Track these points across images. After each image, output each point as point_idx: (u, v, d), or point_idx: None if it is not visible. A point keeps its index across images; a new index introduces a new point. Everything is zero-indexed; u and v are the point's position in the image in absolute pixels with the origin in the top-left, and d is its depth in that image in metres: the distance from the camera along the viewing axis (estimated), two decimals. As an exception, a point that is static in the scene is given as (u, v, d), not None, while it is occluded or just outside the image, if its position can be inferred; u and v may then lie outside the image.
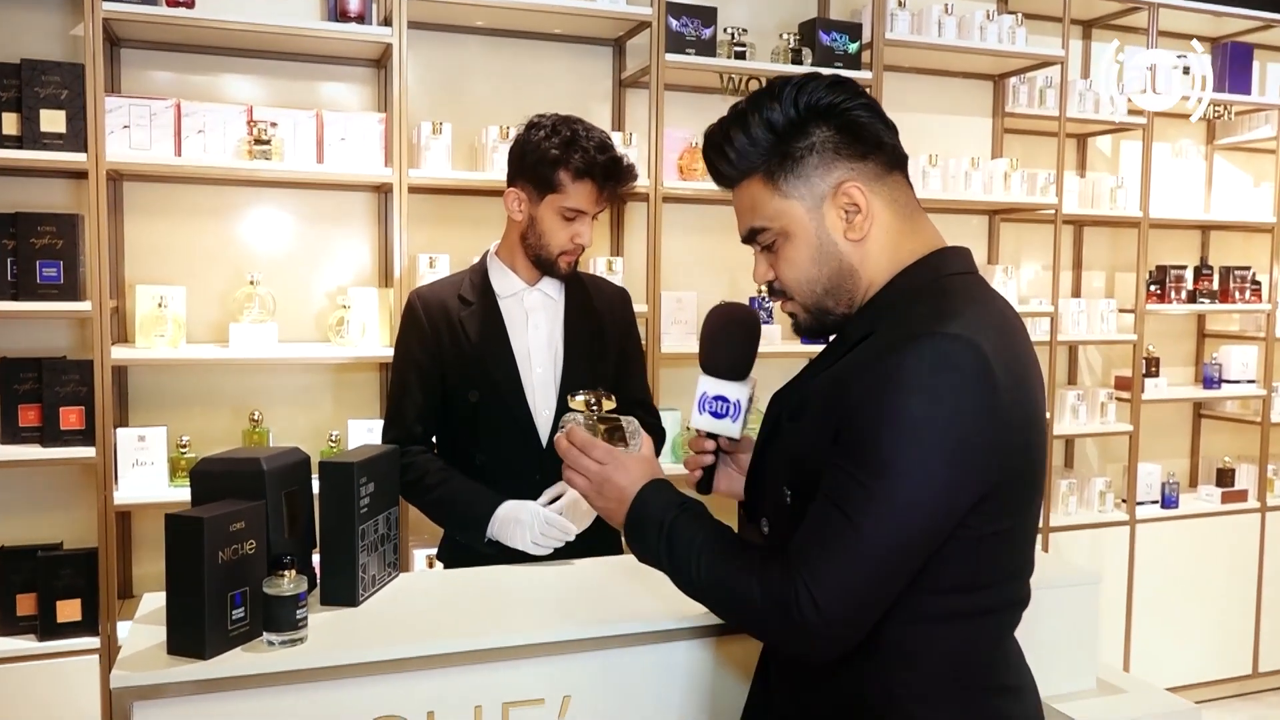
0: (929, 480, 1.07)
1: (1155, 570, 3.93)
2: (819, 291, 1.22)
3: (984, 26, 3.40)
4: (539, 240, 1.99)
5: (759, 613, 1.13)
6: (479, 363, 2.00)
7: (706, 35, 3.07)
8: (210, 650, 1.35)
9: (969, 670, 1.18)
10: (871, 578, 1.09)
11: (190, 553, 1.35)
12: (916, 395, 1.06)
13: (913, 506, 1.07)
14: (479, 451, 2.02)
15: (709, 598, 1.21)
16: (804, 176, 1.20)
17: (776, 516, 1.24)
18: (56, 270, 2.57)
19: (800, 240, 1.21)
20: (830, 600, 1.08)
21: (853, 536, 1.07)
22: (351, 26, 2.78)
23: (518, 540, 1.85)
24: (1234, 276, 4.10)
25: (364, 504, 1.57)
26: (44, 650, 2.57)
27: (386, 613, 1.55)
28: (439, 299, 2.05)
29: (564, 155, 1.93)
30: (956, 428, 1.07)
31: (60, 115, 2.54)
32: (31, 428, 2.64)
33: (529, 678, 1.48)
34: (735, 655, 1.57)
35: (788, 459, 1.22)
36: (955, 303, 1.15)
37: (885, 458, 1.06)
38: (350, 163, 2.80)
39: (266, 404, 2.96)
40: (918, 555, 1.10)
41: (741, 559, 1.17)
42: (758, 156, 1.20)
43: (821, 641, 1.11)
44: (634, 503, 1.27)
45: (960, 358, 1.08)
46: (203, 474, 1.49)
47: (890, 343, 1.11)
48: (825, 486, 1.12)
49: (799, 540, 1.12)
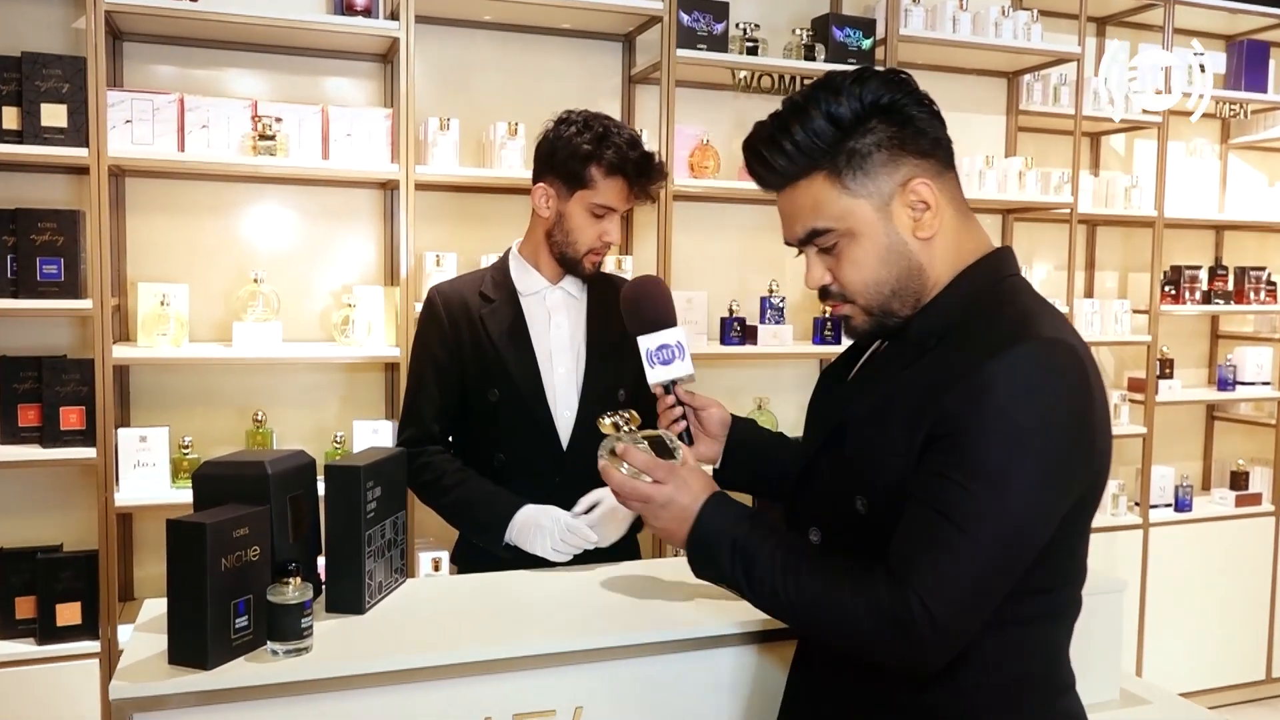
0: (1037, 486, 1.06)
1: (1168, 574, 3.90)
2: (885, 293, 1.18)
3: (999, 23, 3.35)
4: (566, 238, 1.96)
5: (868, 631, 1.09)
6: (499, 361, 1.96)
7: (718, 30, 3.02)
8: (213, 660, 1.32)
9: (1042, 674, 1.18)
10: (984, 586, 1.08)
11: (192, 559, 1.31)
12: (1023, 401, 1.06)
13: (1022, 512, 1.06)
14: (498, 452, 1.99)
15: (801, 617, 1.16)
16: (871, 173, 1.16)
17: (841, 526, 1.21)
18: (57, 267, 2.54)
19: (867, 240, 1.17)
20: (945, 612, 1.06)
21: (964, 545, 1.05)
22: (358, 20, 2.74)
23: (537, 546, 1.82)
24: (1249, 277, 4.06)
25: (370, 508, 1.54)
26: (43, 654, 2.54)
27: (394, 621, 1.52)
28: (460, 295, 2.01)
29: (596, 150, 1.89)
30: (1062, 433, 1.07)
31: (61, 109, 2.50)
32: (31, 428, 2.61)
33: (540, 688, 1.44)
34: (751, 665, 1.54)
35: (861, 466, 1.17)
36: (1034, 305, 1.15)
37: (994, 465, 1.05)
38: (356, 159, 2.77)
39: (270, 404, 2.93)
40: (1025, 561, 1.09)
41: (834, 574, 1.13)
42: (820, 152, 1.16)
43: (935, 655, 1.08)
44: (698, 520, 1.23)
45: (1062, 362, 1.08)
46: (205, 478, 1.46)
47: (983, 347, 1.09)
48: (924, 494, 1.09)
49: (903, 551, 1.09)
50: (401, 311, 2.79)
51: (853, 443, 1.19)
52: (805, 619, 1.16)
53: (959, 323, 1.15)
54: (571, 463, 1.98)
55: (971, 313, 1.15)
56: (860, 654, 1.15)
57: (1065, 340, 1.10)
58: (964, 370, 1.08)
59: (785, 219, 1.22)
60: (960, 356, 1.10)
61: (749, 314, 3.26)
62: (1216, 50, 4.10)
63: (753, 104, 3.35)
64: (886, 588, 1.08)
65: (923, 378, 1.13)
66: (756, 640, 1.53)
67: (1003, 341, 1.08)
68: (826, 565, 1.15)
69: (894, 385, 1.16)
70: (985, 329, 1.12)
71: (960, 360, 1.09)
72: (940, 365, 1.12)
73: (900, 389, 1.14)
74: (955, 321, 1.15)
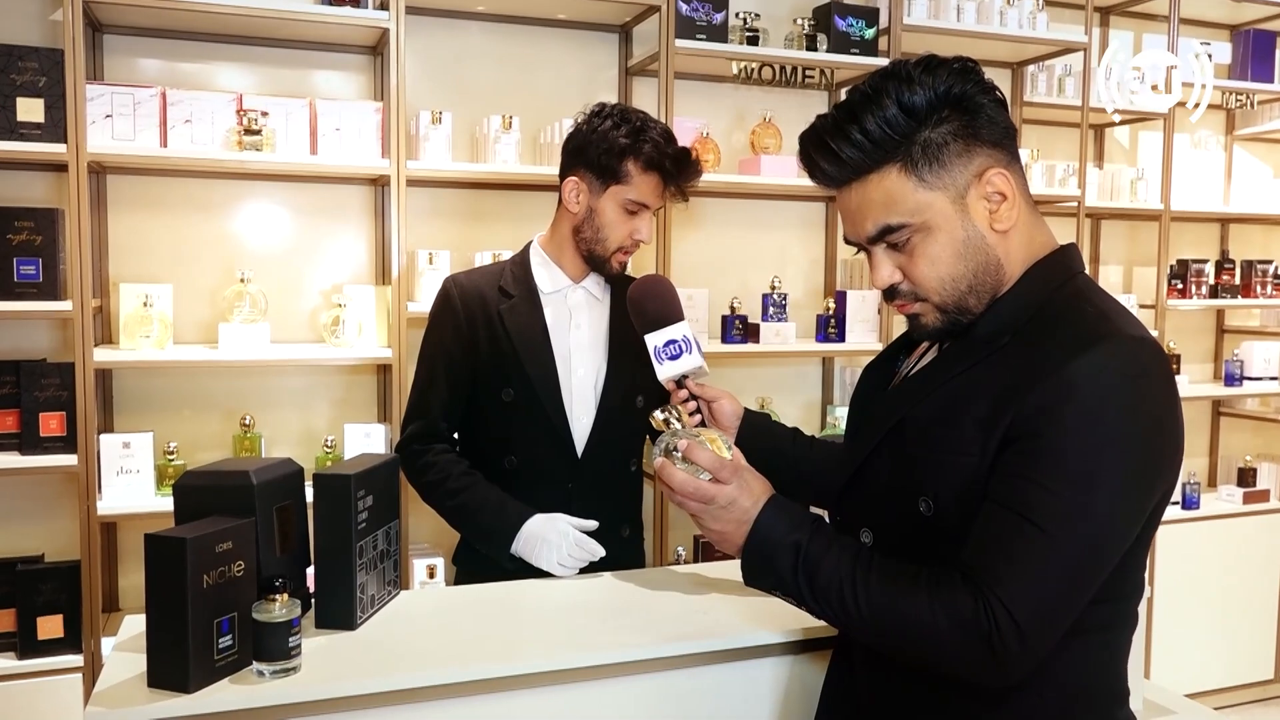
0: (1122, 488, 1.04)
1: (1176, 573, 3.85)
2: (962, 289, 1.14)
3: (1004, 11, 3.30)
4: (596, 234, 1.89)
5: (948, 642, 1.05)
6: (516, 361, 1.89)
7: (717, 20, 2.96)
8: (194, 683, 1.26)
9: (1101, 686, 1.15)
10: (1068, 593, 1.04)
11: (172, 576, 1.25)
12: (1110, 400, 1.02)
13: (1108, 516, 1.03)
14: (510, 455, 1.92)
15: (872, 628, 1.11)
16: (947, 165, 1.11)
17: (899, 527, 1.17)
18: (35, 268, 2.47)
19: (944, 234, 1.12)
20: (1031, 621, 1.02)
21: (1048, 550, 1.02)
22: (346, 10, 2.67)
23: (543, 560, 1.76)
24: (1256, 270, 4.02)
25: (362, 519, 1.47)
26: (24, 669, 2.48)
27: (387, 637, 1.46)
28: (476, 288, 1.94)
29: (634, 144, 1.84)
30: (1148, 434, 1.05)
31: (38, 104, 2.43)
32: (9, 434, 2.53)
33: (542, 707, 1.39)
34: (763, 678, 1.50)
35: (927, 467, 1.13)
36: (1111, 303, 1.11)
37: (1080, 466, 1.02)
38: (345, 154, 2.70)
39: (258, 408, 2.87)
40: (1108, 567, 1.05)
41: (908, 583, 1.08)
42: (894, 143, 1.10)
43: (1017, 666, 1.04)
44: (756, 523, 1.18)
45: (1148, 361, 1.05)
46: (187, 488, 1.40)
47: (1065, 345, 1.05)
48: (1004, 497, 1.05)
49: (982, 557, 1.05)
50: (393, 311, 2.72)
51: (918, 442, 1.14)
52: (876, 630, 1.11)
53: (1031, 320, 1.12)
54: (585, 470, 1.92)
55: (1045, 310, 1.12)
56: (937, 666, 1.10)
57: (1150, 339, 1.07)
58: (1045, 369, 1.04)
59: (851, 216, 1.17)
60: (1039, 355, 1.06)
61: (751, 311, 3.20)
62: (1222, 40, 4.05)
63: (753, 96, 3.29)
64: (967, 596, 1.04)
65: (998, 377, 1.09)
66: (765, 654, 1.49)
67: (1086, 339, 1.05)
68: (899, 573, 1.10)
69: (964, 384, 1.12)
70: (1063, 327, 1.08)
71: (1040, 359, 1.06)
72: (1017, 364, 1.08)
73: (972, 387, 1.11)
74: (1026, 318, 1.12)
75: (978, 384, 1.11)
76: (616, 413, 1.93)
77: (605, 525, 1.87)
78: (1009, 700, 1.10)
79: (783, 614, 1.49)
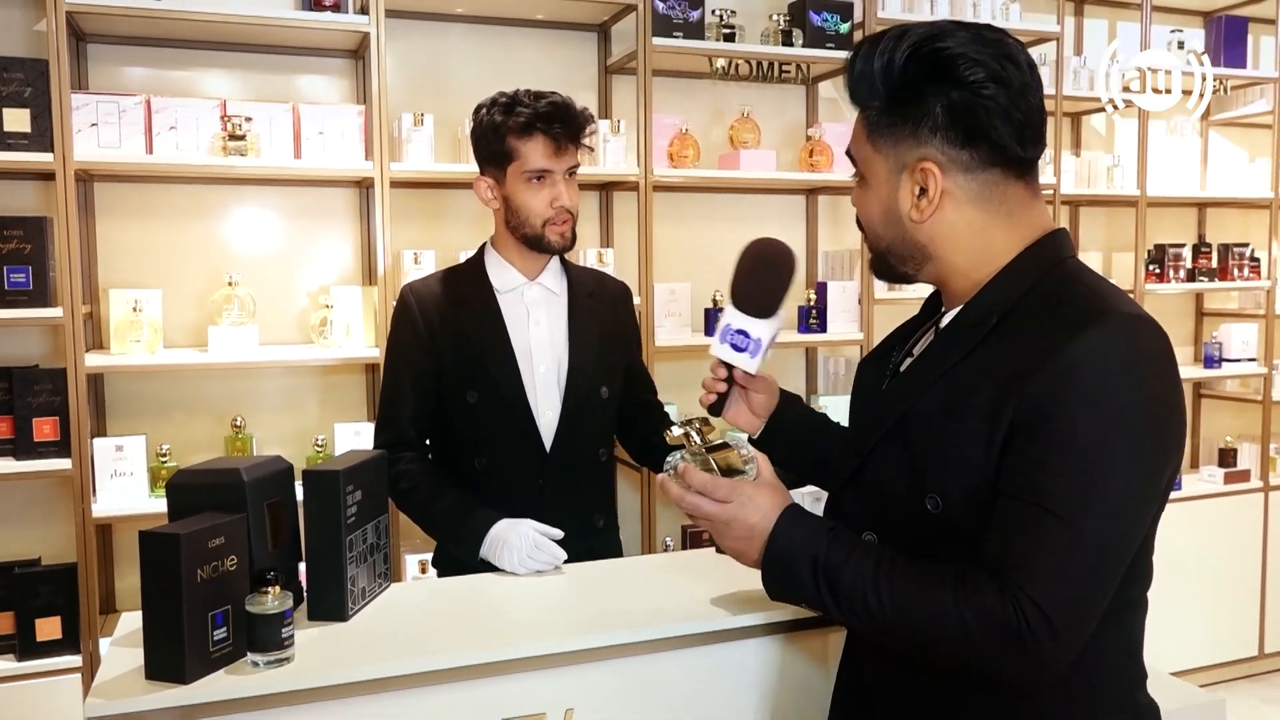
0: (1136, 468, 1.01)
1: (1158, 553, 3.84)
2: (882, 247, 1.20)
3: (977, 3, 3.35)
4: (519, 218, 1.92)
5: (980, 643, 1.03)
6: (478, 361, 1.91)
7: (694, 18, 3.00)
8: (191, 674, 1.29)
9: (1120, 672, 1.14)
10: (1097, 580, 1.02)
11: (167, 571, 1.28)
12: (1115, 380, 1.01)
13: (1126, 496, 1.01)
14: (479, 456, 1.94)
15: (899, 632, 1.09)
16: (895, 139, 1.14)
17: (905, 526, 1.14)
18: (25, 276, 2.50)
19: (874, 193, 1.18)
20: (1063, 614, 1.00)
21: (1073, 539, 1.00)
22: (327, 16, 2.70)
23: (504, 562, 1.76)
24: (1232, 254, 4.07)
25: (351, 513, 1.51)
26: (23, 670, 2.51)
27: (378, 627, 1.49)
28: (433, 293, 1.96)
29: (506, 119, 1.88)
30: (1155, 411, 1.03)
31: (24, 114, 2.46)
32: (3, 440, 2.56)
33: (530, 691, 1.42)
34: (742, 662, 1.52)
35: (933, 463, 1.10)
36: (1103, 283, 1.11)
37: (1092, 449, 0.99)
38: (329, 157, 2.74)
39: (249, 409, 2.90)
40: (1132, 549, 1.04)
41: (933, 585, 1.06)
42: (868, 92, 1.15)
43: (1054, 662, 1.02)
44: (772, 537, 1.18)
45: (1148, 338, 1.04)
46: (179, 487, 1.43)
47: (1061, 328, 1.03)
48: (1018, 489, 1.03)
49: (1005, 553, 1.03)
50: (380, 311, 2.76)
51: (922, 438, 1.12)
52: (904, 633, 1.09)
53: (1020, 302, 1.10)
54: (555, 465, 1.94)
55: (1035, 292, 1.10)
56: (970, 667, 1.08)
57: (1147, 316, 1.05)
58: (1044, 353, 1.02)
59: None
60: (1036, 339, 1.04)
61: (733, 304, 3.23)
62: (1195, 27, 4.11)
63: (731, 91, 3.33)
64: (994, 594, 1.01)
65: (998, 365, 1.06)
66: (747, 636, 1.51)
67: (1082, 321, 1.02)
68: (922, 575, 1.08)
69: (963, 373, 1.10)
70: (1059, 308, 1.06)
71: (1037, 343, 1.04)
72: (1015, 350, 1.06)
73: (973, 378, 1.08)
74: (1016, 299, 1.10)
75: (978, 372, 1.08)
76: (581, 405, 1.94)
77: (579, 516, 1.90)
78: (1029, 693, 1.08)
79: (762, 598, 1.49)
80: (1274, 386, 4.10)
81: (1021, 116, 1.09)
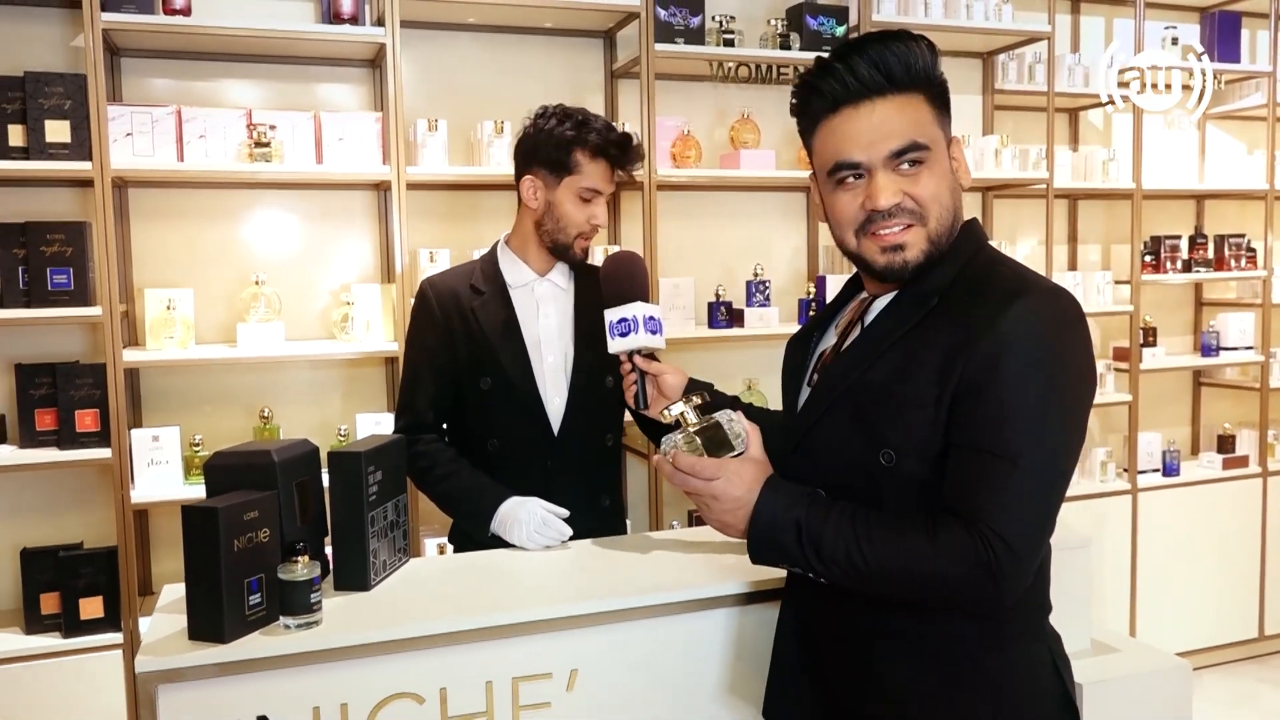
0: (1069, 414, 1.20)
1: (1159, 538, 3.96)
2: (947, 221, 1.28)
3: (970, 4, 3.41)
4: (557, 225, 2.03)
5: (953, 582, 1.18)
6: (491, 351, 2.03)
7: (695, 24, 3.10)
8: (229, 634, 1.40)
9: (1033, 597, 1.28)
10: (1045, 512, 1.19)
11: (207, 542, 1.40)
12: (1044, 344, 1.18)
13: (1061, 440, 1.19)
14: (492, 438, 2.06)
15: (883, 581, 1.22)
16: (947, 116, 1.30)
17: (859, 482, 1.27)
18: (67, 277, 2.62)
19: (941, 168, 1.28)
20: (1021, 540, 1.16)
21: (1023, 478, 1.16)
22: (345, 28, 2.81)
23: (513, 536, 1.88)
24: (1229, 244, 4.11)
25: (372, 491, 1.62)
26: (69, 647, 2.63)
27: (398, 595, 1.60)
28: (450, 288, 2.09)
29: (579, 136, 1.99)
30: (1077, 369, 1.21)
31: (64, 125, 2.58)
32: (48, 431, 2.69)
33: (537, 653, 1.52)
34: (734, 626, 1.62)
35: (887, 423, 1.24)
36: (1019, 265, 1.29)
37: (1030, 401, 1.16)
38: (349, 162, 2.84)
39: (276, 401, 3.01)
40: (1068, 484, 1.22)
41: (910, 533, 1.20)
42: (926, 77, 1.26)
43: (1016, 584, 1.18)
44: (756, 508, 1.28)
45: (1067, 308, 1.22)
46: (216, 467, 1.54)
47: (994, 303, 1.19)
48: (968, 441, 1.19)
49: (966, 496, 1.18)
50: (398, 307, 2.87)
51: (875, 401, 1.25)
52: (887, 582, 1.22)
53: (954, 283, 1.26)
54: (562, 448, 2.06)
55: (965, 274, 1.26)
56: (946, 602, 1.22)
57: (1062, 289, 1.24)
58: (984, 323, 1.18)
59: (873, 132, 1.24)
60: (973, 314, 1.20)
61: (735, 298, 3.33)
62: (1189, 22, 4.15)
63: (731, 94, 3.42)
64: (963, 533, 1.16)
65: (941, 336, 1.22)
66: (741, 602, 1.61)
67: (1011, 296, 1.19)
68: (898, 525, 1.21)
69: (911, 345, 1.24)
70: (989, 287, 1.23)
71: (975, 316, 1.20)
72: (956, 323, 1.21)
73: (921, 347, 1.23)
74: (950, 281, 1.26)
75: (925, 343, 1.23)
76: (587, 393, 2.06)
77: (586, 496, 2.02)
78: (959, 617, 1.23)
79: (736, 568, 1.62)
80: (1272, 374, 4.16)
81: None
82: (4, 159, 2.56)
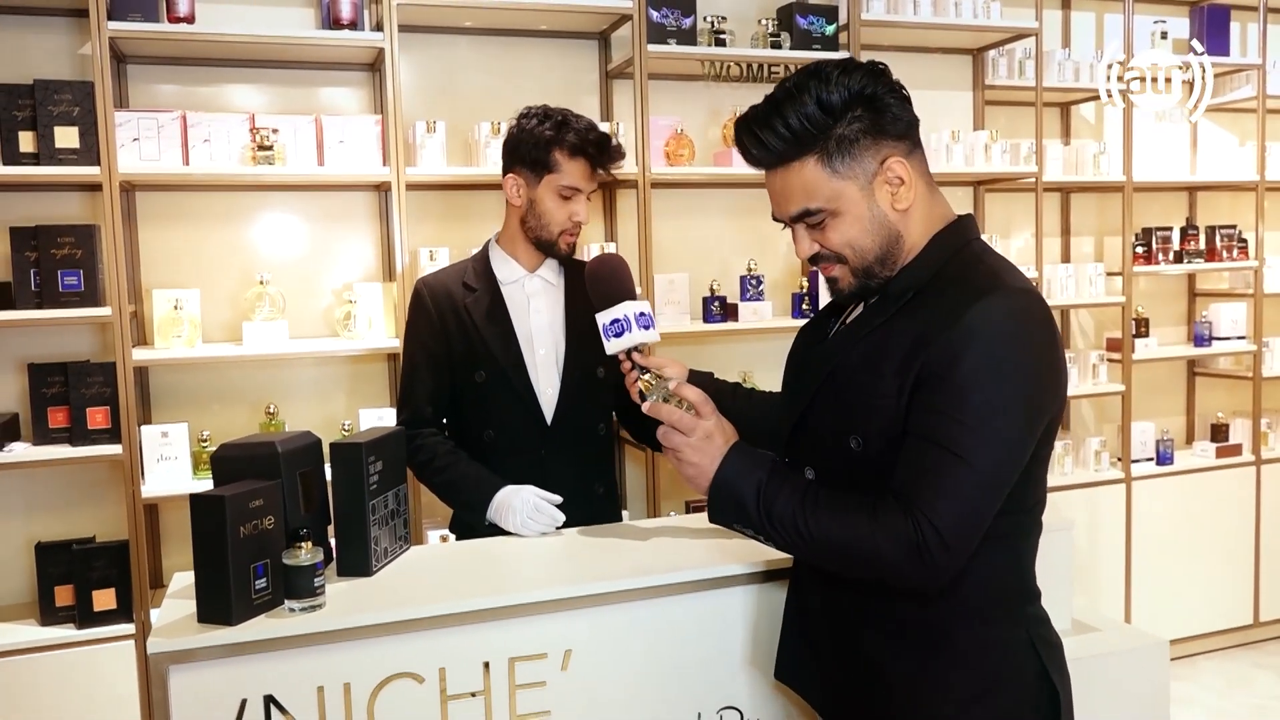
0: (1021, 414, 1.22)
1: (1153, 526, 4.00)
2: (870, 260, 1.31)
3: (959, 2, 3.46)
4: (539, 222, 2.10)
5: (886, 560, 1.22)
6: (484, 345, 2.10)
7: (687, 25, 3.15)
8: (237, 617, 1.46)
9: (1012, 586, 1.33)
10: (983, 506, 1.22)
11: (214, 529, 1.45)
12: (1003, 342, 1.21)
13: (1009, 439, 1.22)
14: (487, 429, 2.13)
15: (822, 551, 1.29)
16: (857, 157, 1.28)
17: (836, 463, 1.33)
18: (77, 278, 2.68)
19: (853, 216, 1.30)
20: (953, 530, 1.19)
21: (965, 472, 1.20)
22: (345, 33, 2.87)
23: (508, 523, 1.94)
24: (1220, 235, 4.15)
25: (373, 481, 1.68)
26: (83, 638, 2.70)
27: (398, 580, 1.66)
28: (444, 286, 2.15)
29: (558, 136, 2.05)
30: (1035, 368, 1.23)
31: (73, 131, 2.64)
32: (61, 428, 2.75)
33: (532, 634, 1.57)
34: (724, 607, 1.66)
35: (855, 409, 1.29)
36: (999, 263, 1.31)
37: (983, 399, 1.20)
38: (350, 164, 2.90)
39: (281, 398, 3.08)
40: (1011, 481, 1.24)
41: (853, 510, 1.25)
42: (812, 137, 1.26)
43: (943, 571, 1.22)
44: (723, 463, 1.33)
45: (1033, 308, 1.25)
46: (222, 458, 1.60)
47: (962, 299, 1.22)
48: (921, 430, 1.23)
49: (908, 484, 1.22)
50: (399, 305, 2.93)
51: (847, 389, 1.31)
52: (826, 551, 1.28)
53: (934, 280, 1.29)
54: (556, 437, 2.12)
55: (944, 271, 1.29)
56: (879, 579, 1.27)
57: (1032, 289, 1.27)
58: (947, 320, 1.22)
59: (776, 197, 1.32)
60: (942, 308, 1.24)
61: (729, 293, 3.38)
62: (1179, 16, 4.19)
63: (723, 93, 3.46)
64: (899, 515, 1.21)
65: (909, 328, 1.25)
66: (729, 584, 1.65)
67: (979, 293, 1.22)
68: (844, 502, 1.26)
69: (882, 336, 1.29)
70: (961, 284, 1.25)
71: (942, 311, 1.23)
72: (924, 317, 1.25)
73: (889, 339, 1.27)
74: (930, 279, 1.29)
75: (893, 336, 1.27)
76: (578, 384, 2.12)
77: (579, 484, 2.08)
78: (934, 602, 1.29)
79: (742, 549, 1.66)
80: (1264, 363, 4.20)
81: (900, 100, 1.30)
82: (15, 164, 2.63)
